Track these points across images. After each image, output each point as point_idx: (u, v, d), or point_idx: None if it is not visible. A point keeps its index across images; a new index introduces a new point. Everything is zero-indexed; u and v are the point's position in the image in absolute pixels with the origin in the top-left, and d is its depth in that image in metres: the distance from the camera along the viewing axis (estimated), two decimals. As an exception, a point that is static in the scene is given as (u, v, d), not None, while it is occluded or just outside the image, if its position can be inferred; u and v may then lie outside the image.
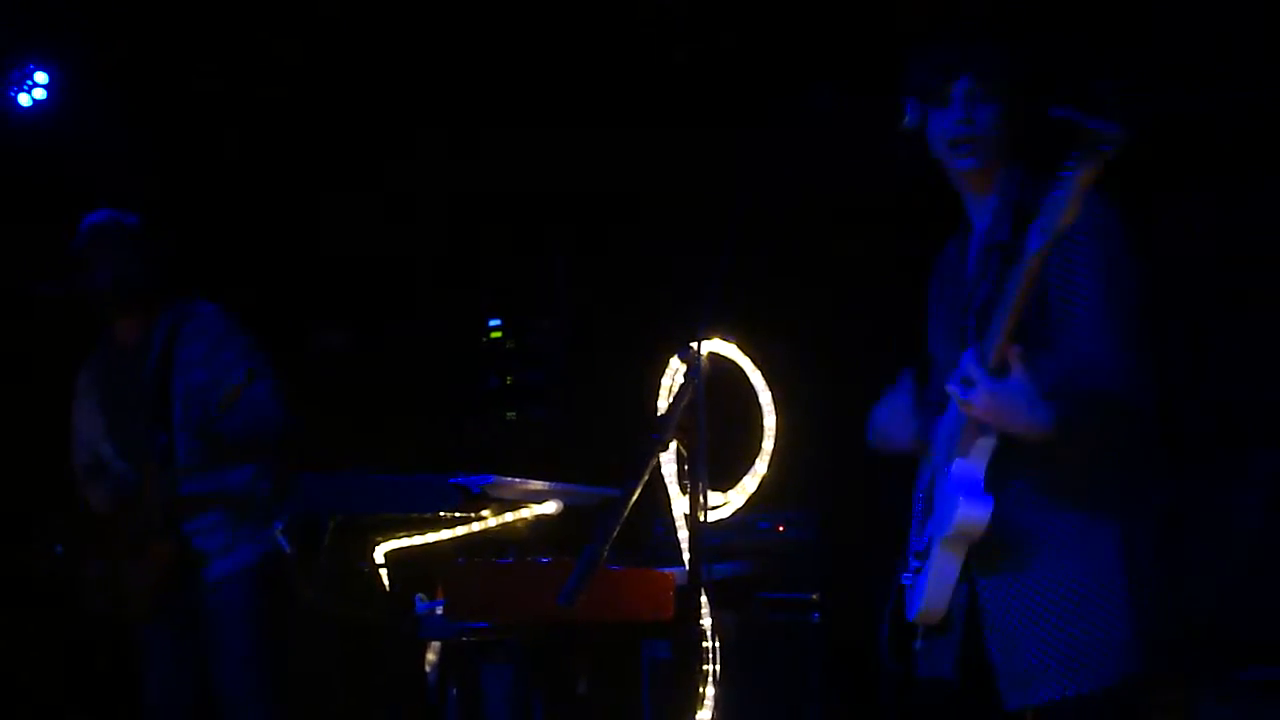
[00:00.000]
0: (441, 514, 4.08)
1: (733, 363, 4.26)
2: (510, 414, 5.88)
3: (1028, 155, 2.89)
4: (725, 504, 4.37)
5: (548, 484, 4.11)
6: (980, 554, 2.77)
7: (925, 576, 2.84)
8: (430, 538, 4.20)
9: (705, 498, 2.82)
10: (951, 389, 2.68)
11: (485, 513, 4.09)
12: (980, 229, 2.95)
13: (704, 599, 3.08)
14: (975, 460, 2.74)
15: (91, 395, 4.50)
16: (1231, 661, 4.08)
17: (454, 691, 4.42)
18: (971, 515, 2.71)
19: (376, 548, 4.27)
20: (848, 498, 4.87)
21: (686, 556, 3.83)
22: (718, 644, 3.65)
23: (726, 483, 4.31)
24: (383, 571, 4.26)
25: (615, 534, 2.64)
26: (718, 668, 3.51)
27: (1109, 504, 2.77)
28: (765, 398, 4.32)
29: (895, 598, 3.00)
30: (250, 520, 4.33)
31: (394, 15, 5.66)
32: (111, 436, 4.41)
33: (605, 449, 4.41)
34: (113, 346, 4.49)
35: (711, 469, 2.83)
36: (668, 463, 4.04)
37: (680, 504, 4.12)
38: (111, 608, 4.33)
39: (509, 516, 4.09)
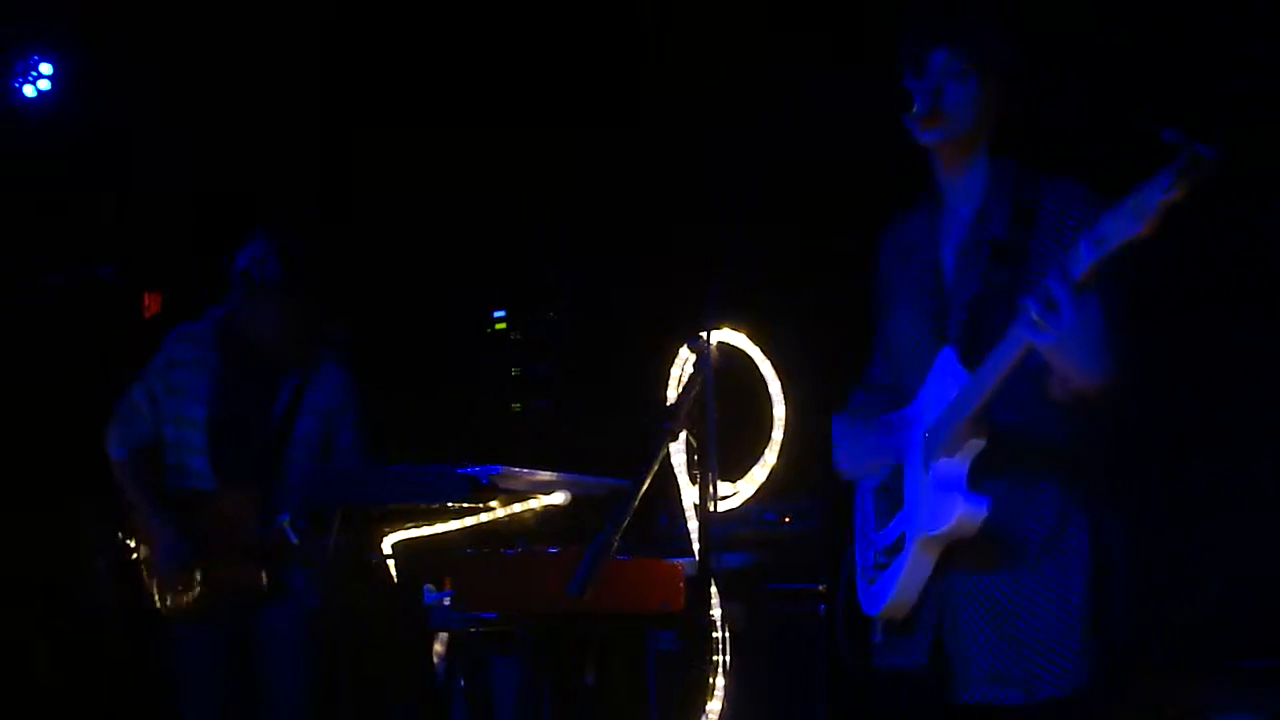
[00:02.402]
0: (450, 505, 4.08)
1: (742, 352, 4.25)
2: (517, 405, 5.87)
3: (1015, 148, 2.87)
4: (734, 494, 4.36)
5: (556, 475, 4.10)
6: (955, 552, 2.75)
7: (895, 572, 2.82)
8: (438, 528, 4.19)
9: (715, 488, 2.81)
10: (1034, 312, 2.47)
11: (493, 503, 4.08)
12: (960, 213, 2.89)
13: (713, 589, 3.06)
14: (961, 460, 2.71)
15: (192, 379, 4.37)
16: (1236, 651, 4.07)
17: (462, 682, 4.42)
18: (970, 515, 2.68)
19: (385, 539, 4.27)
20: (856, 488, 4.86)
21: (696, 547, 3.83)
22: (726, 635, 3.64)
23: (736, 473, 4.30)
24: (391, 562, 4.26)
25: (624, 524, 2.63)
26: (726, 658, 3.50)
27: (1080, 509, 2.77)
28: (774, 388, 4.32)
29: (847, 592, 2.99)
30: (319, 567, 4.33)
31: (397, 11, 5.66)
32: (210, 440, 4.33)
33: (613, 440, 4.41)
34: (235, 347, 4.39)
35: (720, 459, 2.82)
36: (677, 453, 4.03)
37: (690, 494, 4.11)
38: (124, 596, 4.31)
39: (517, 507, 4.09)
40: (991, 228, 2.82)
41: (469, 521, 4.16)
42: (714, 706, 3.34)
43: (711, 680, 3.30)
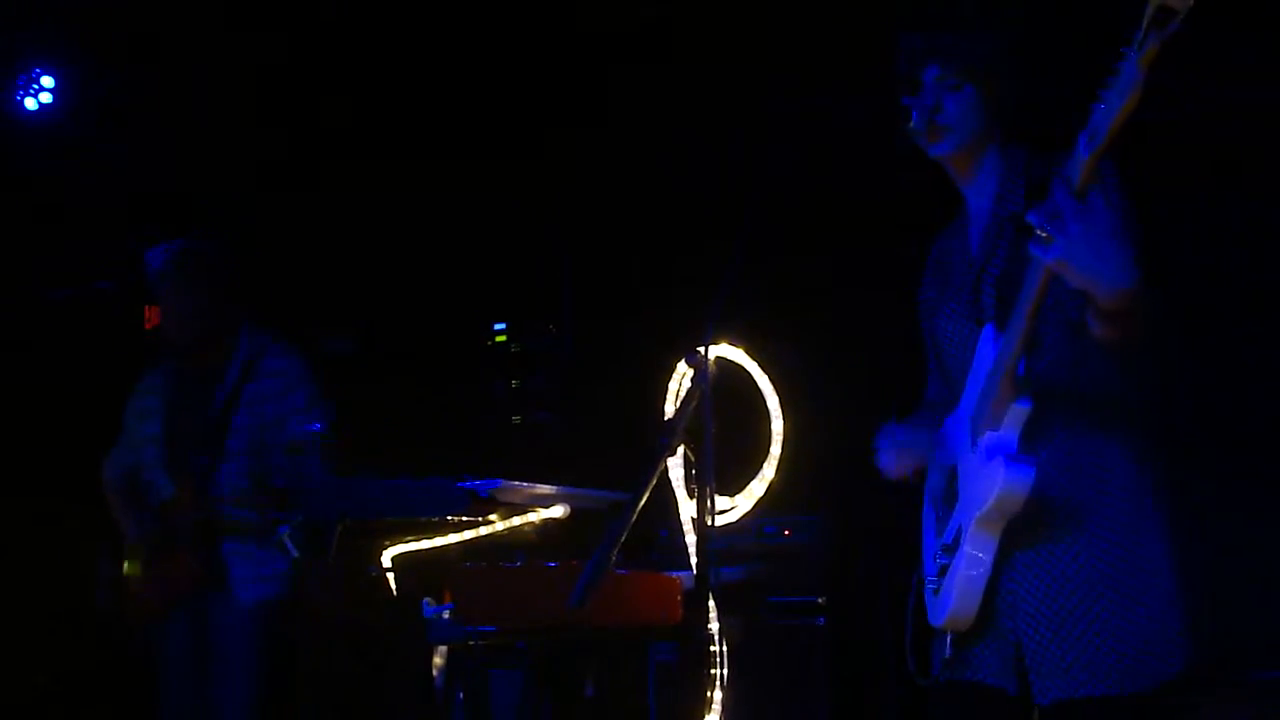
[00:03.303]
0: (449, 518, 4.09)
1: (740, 367, 4.26)
2: (516, 418, 5.87)
3: (1024, 136, 2.88)
4: (733, 508, 4.37)
5: (555, 488, 4.11)
6: (1014, 536, 2.66)
7: (953, 575, 2.73)
8: (438, 541, 4.20)
9: (713, 502, 2.81)
10: (1039, 227, 2.41)
11: (493, 516, 4.09)
12: (981, 207, 2.91)
13: (711, 603, 3.07)
14: (1007, 429, 2.62)
15: (150, 400, 4.55)
16: (1243, 662, 4.07)
17: (461, 695, 4.42)
18: (1014, 481, 2.57)
19: (384, 552, 4.27)
20: (855, 502, 4.87)
21: (694, 561, 3.83)
22: (725, 648, 3.64)
23: (734, 487, 4.31)
24: (390, 575, 4.27)
25: (623, 538, 2.64)
26: (725, 671, 3.50)
27: (1149, 485, 2.69)
28: (773, 402, 4.33)
29: (915, 602, 2.92)
30: (277, 558, 4.37)
31: (402, 15, 5.67)
32: (164, 447, 4.47)
33: (612, 453, 4.42)
34: (184, 361, 4.54)
35: (719, 474, 2.82)
36: (675, 467, 4.04)
37: (688, 508, 4.12)
38: (118, 607, 4.37)
39: (516, 520, 4.09)
40: (1009, 205, 2.83)
41: (468, 535, 4.16)
42: (713, 719, 3.35)
43: (710, 693, 3.30)
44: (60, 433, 5.11)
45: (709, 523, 2.81)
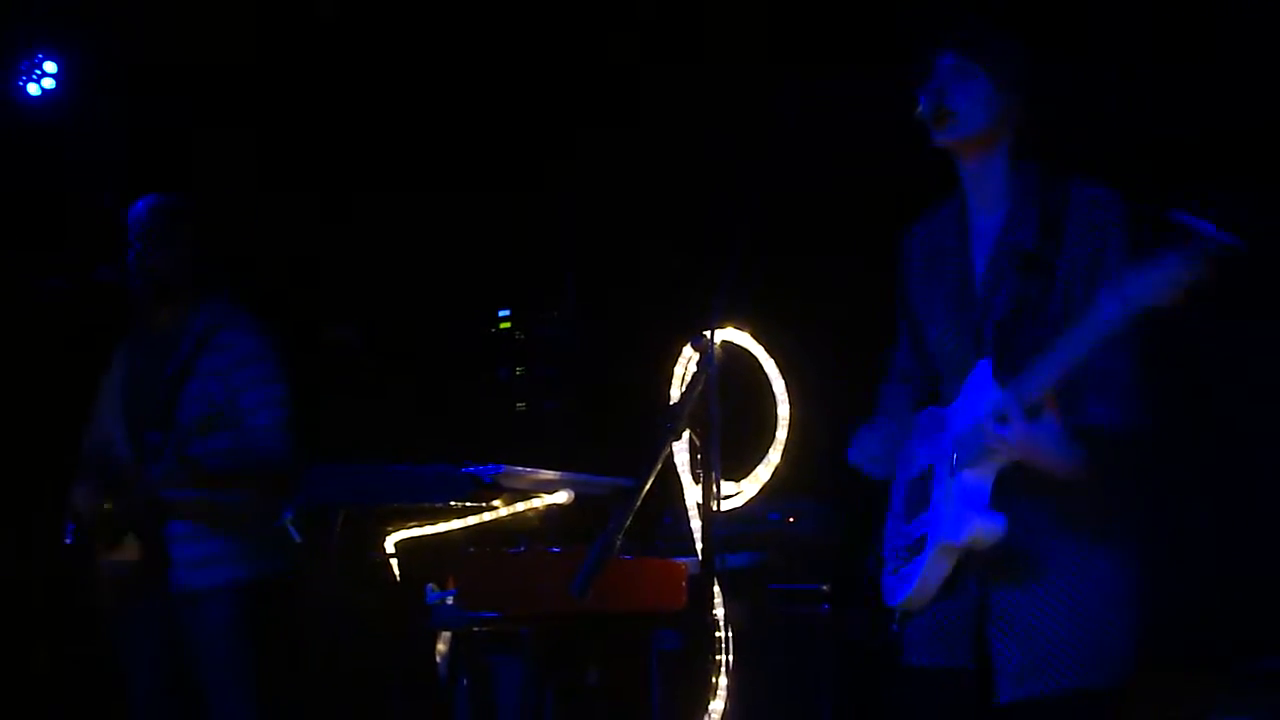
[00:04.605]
0: (453, 504, 4.08)
1: (746, 352, 4.24)
2: (520, 404, 5.86)
3: (1036, 151, 2.87)
4: (738, 494, 4.35)
5: (559, 474, 4.10)
6: (984, 559, 2.76)
7: (915, 570, 2.83)
8: (441, 528, 4.19)
9: (718, 487, 2.80)
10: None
11: (496, 503, 4.08)
12: (987, 219, 2.90)
13: (716, 589, 3.05)
14: (983, 475, 2.72)
15: (117, 374, 4.48)
16: (1247, 651, 4.06)
17: (465, 682, 4.41)
18: (985, 531, 2.70)
19: (387, 538, 4.27)
20: (860, 489, 4.84)
21: (699, 546, 3.82)
22: (729, 634, 3.63)
23: (739, 472, 4.29)
24: (394, 561, 4.26)
25: (627, 524, 2.63)
26: (729, 658, 3.49)
27: (1110, 528, 2.78)
28: (779, 387, 4.31)
29: (870, 582, 2.99)
30: (236, 540, 4.25)
31: (408, 9, 5.66)
32: (125, 420, 4.38)
33: (617, 439, 4.40)
34: (147, 330, 4.46)
35: (724, 458, 2.81)
36: (680, 452, 4.02)
37: (693, 493, 4.10)
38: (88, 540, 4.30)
39: (520, 506, 4.09)
40: (1019, 235, 2.83)
41: (472, 521, 4.16)
42: (717, 706, 3.33)
43: (714, 680, 3.29)
44: (61, 427, 5.08)
45: (714, 508, 2.80)
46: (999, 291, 2.83)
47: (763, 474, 4.30)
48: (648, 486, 2.67)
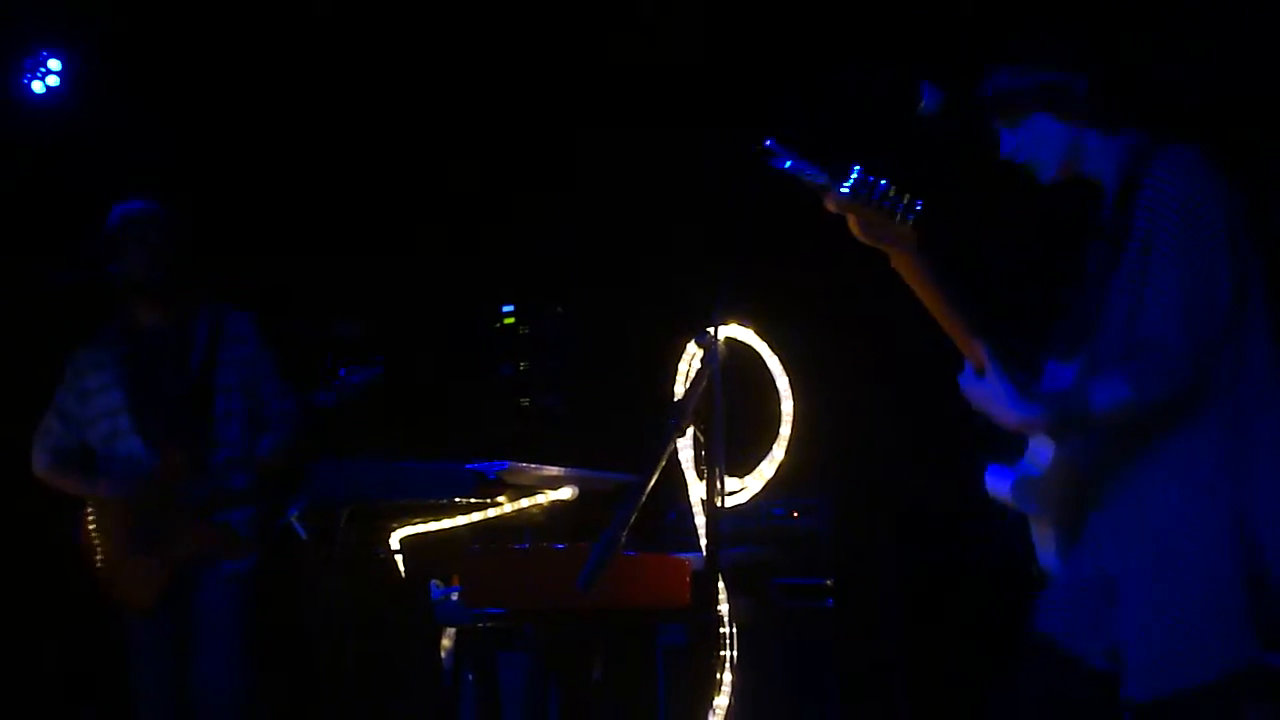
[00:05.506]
0: (457, 500, 4.08)
1: (750, 348, 4.24)
2: (525, 400, 5.87)
3: (1123, 123, 2.81)
4: (742, 490, 4.35)
5: (563, 470, 4.10)
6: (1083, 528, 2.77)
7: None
8: (446, 524, 4.20)
9: (722, 483, 2.81)
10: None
11: (501, 499, 4.09)
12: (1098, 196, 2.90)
13: (720, 585, 3.06)
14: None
15: (100, 376, 4.44)
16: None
17: (469, 677, 4.42)
18: (992, 487, 2.79)
19: (392, 534, 4.27)
20: (864, 484, 4.86)
21: (703, 542, 3.83)
22: (734, 630, 3.64)
23: (743, 469, 4.29)
24: (398, 558, 4.26)
25: (632, 520, 2.63)
26: (734, 653, 3.50)
27: (1205, 468, 2.66)
28: (783, 383, 4.31)
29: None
30: (254, 525, 4.35)
31: (407, 10, 5.66)
32: (134, 419, 4.36)
33: (621, 435, 4.41)
34: (135, 331, 4.46)
35: (728, 455, 2.82)
36: (685, 448, 4.02)
37: (697, 489, 4.11)
38: (112, 597, 4.32)
39: (525, 502, 4.09)
40: (1102, 207, 2.83)
41: (476, 517, 4.16)
42: (721, 701, 3.35)
43: (719, 675, 3.30)
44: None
45: (718, 504, 2.80)
46: (1084, 263, 2.87)
47: (767, 470, 4.30)
48: (652, 482, 2.67)
